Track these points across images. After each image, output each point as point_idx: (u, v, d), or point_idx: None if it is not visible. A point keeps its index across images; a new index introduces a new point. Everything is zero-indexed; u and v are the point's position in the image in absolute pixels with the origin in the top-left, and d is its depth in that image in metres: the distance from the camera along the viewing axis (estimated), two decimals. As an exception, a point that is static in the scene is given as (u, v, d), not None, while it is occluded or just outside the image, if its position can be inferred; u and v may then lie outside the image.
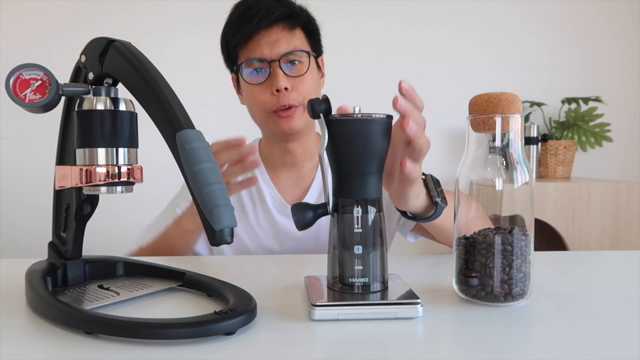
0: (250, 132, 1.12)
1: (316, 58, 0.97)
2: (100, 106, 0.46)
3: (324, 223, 0.97)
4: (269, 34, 0.91)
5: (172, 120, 0.42)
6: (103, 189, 0.47)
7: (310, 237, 0.98)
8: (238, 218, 0.98)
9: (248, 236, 0.98)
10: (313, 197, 1.00)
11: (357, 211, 0.50)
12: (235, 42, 0.92)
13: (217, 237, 0.41)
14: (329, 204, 0.52)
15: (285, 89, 0.89)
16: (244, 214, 0.99)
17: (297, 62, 0.92)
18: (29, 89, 0.46)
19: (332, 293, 0.51)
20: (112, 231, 1.95)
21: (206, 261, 0.79)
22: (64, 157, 0.54)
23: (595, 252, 1.07)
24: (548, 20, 2.16)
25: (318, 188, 1.01)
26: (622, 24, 2.17)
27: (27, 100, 0.46)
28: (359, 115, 0.50)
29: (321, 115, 0.51)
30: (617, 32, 2.17)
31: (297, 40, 0.93)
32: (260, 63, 0.91)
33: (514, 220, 0.51)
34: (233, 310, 0.44)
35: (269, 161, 1.02)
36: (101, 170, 0.46)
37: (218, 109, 1.94)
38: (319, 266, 0.75)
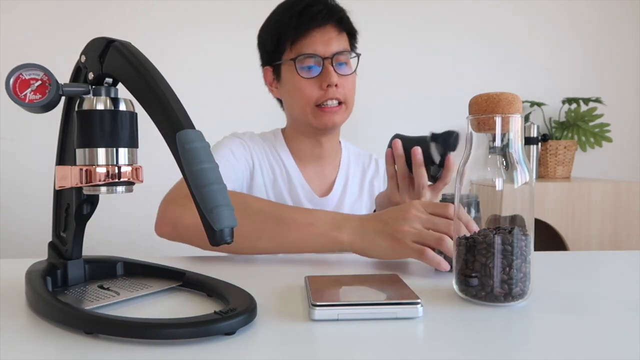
0: (249, 130, 1.12)
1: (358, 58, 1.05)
2: (100, 106, 0.46)
3: None
4: (323, 33, 0.97)
5: (172, 120, 0.42)
6: (103, 189, 0.47)
7: None
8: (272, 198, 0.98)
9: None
10: (338, 191, 1.06)
11: None
12: (292, 37, 0.97)
13: (217, 237, 0.41)
14: None
15: (335, 85, 0.96)
16: (279, 196, 1.04)
17: (345, 63, 0.99)
18: (29, 89, 0.46)
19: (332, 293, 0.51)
20: (112, 231, 1.95)
21: (206, 261, 0.79)
22: (64, 157, 0.54)
23: (595, 252, 1.07)
24: (548, 21, 2.16)
25: (341, 184, 1.08)
26: (622, 24, 2.17)
27: (27, 100, 0.46)
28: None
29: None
30: (618, 32, 2.17)
31: (345, 42, 1.01)
32: (314, 59, 0.96)
33: (514, 220, 0.51)
34: (233, 310, 0.44)
35: (297, 153, 1.07)
36: (101, 170, 0.46)
37: (218, 109, 1.94)
38: (319, 266, 0.75)
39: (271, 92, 1.07)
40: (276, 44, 1.00)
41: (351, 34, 1.03)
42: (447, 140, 0.81)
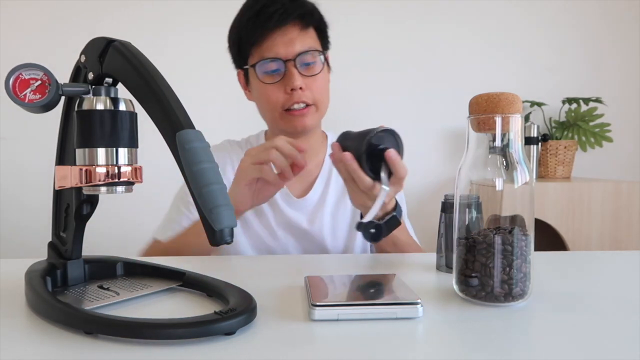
0: (250, 131, 1.12)
1: (326, 55, 0.99)
2: (100, 106, 0.46)
3: (327, 223, 0.99)
4: (284, 33, 0.91)
5: (172, 120, 0.42)
6: (103, 189, 0.47)
7: (316, 230, 0.98)
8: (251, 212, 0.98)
9: (260, 228, 0.99)
10: (318, 191, 1.02)
11: None
12: (251, 40, 0.93)
13: (217, 237, 0.41)
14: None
15: (300, 88, 0.91)
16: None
17: (311, 62, 0.94)
18: (29, 89, 0.46)
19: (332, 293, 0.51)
20: (112, 231, 1.95)
21: (206, 261, 0.79)
22: (64, 157, 0.54)
23: (595, 252, 1.07)
24: (549, 20, 2.15)
25: (322, 183, 1.03)
26: (623, 24, 2.17)
27: (26, 100, 0.46)
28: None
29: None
30: (618, 32, 2.17)
31: (310, 39, 0.94)
32: (275, 62, 0.92)
33: (514, 220, 0.51)
34: (233, 310, 0.44)
35: None
36: (101, 170, 0.46)
37: (218, 108, 1.94)
38: (319, 266, 0.75)
39: (246, 96, 1.04)
40: (238, 48, 0.96)
41: (320, 29, 0.97)
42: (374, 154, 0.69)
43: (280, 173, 0.78)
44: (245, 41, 0.94)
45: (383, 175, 0.69)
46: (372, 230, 0.65)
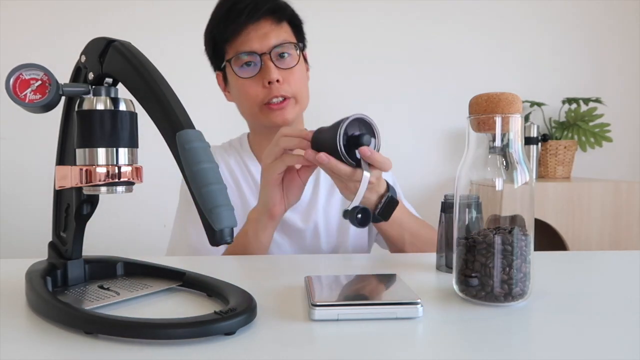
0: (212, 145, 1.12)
1: (303, 50, 0.99)
2: (100, 106, 0.46)
3: (321, 219, 0.99)
4: (257, 28, 0.92)
5: (172, 120, 0.42)
6: (103, 189, 0.47)
7: (310, 228, 0.98)
8: (240, 211, 0.97)
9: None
10: (309, 189, 1.02)
11: None
12: (225, 37, 0.93)
13: (217, 237, 0.41)
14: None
15: (277, 81, 0.91)
16: (246, 206, 0.99)
17: (287, 55, 0.94)
18: (29, 89, 0.46)
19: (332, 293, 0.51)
20: (112, 231, 1.95)
21: (206, 261, 0.79)
22: (64, 157, 0.54)
23: (595, 252, 1.07)
24: (549, 20, 2.16)
25: (312, 181, 1.02)
26: (623, 24, 2.17)
27: (27, 100, 0.46)
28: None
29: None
30: (618, 32, 2.17)
31: (285, 33, 0.95)
32: (251, 56, 0.92)
33: (514, 220, 0.51)
34: (233, 310, 0.44)
35: (259, 154, 1.03)
36: (101, 170, 0.46)
37: (218, 109, 1.94)
38: (319, 266, 0.75)
39: (226, 97, 1.04)
40: (213, 48, 0.97)
41: (294, 24, 0.98)
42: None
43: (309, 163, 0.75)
44: (219, 39, 0.95)
45: (362, 161, 0.69)
46: (359, 216, 0.64)
